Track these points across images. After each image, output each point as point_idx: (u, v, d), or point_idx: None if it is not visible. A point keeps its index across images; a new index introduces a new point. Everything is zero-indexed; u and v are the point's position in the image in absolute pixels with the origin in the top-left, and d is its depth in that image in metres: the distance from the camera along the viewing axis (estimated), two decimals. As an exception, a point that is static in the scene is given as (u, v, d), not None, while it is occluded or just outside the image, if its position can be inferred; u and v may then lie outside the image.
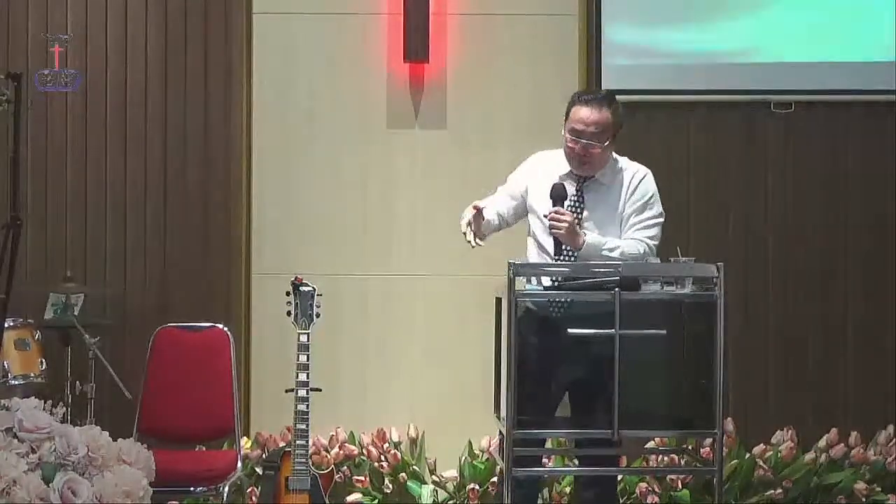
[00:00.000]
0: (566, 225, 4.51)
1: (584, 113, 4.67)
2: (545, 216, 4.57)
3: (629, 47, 6.29)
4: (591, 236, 4.56)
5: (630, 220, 4.68)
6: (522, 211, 4.83)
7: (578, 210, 4.65)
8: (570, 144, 4.67)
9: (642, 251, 4.60)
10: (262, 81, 6.24)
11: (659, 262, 4.45)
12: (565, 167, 4.73)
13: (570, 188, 4.67)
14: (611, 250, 4.55)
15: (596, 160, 4.68)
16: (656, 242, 4.67)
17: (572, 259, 4.57)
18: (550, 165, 4.77)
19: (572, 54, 6.23)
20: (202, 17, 6.22)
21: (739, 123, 6.32)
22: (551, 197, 4.61)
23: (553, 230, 4.54)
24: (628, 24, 6.28)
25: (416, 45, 6.15)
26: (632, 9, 6.29)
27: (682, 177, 6.31)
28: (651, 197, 4.73)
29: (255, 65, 6.23)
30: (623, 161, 4.82)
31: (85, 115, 6.21)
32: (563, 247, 4.57)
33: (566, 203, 4.61)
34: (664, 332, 4.15)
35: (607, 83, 6.18)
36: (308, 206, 6.23)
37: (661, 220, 4.72)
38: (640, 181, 4.74)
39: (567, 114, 4.73)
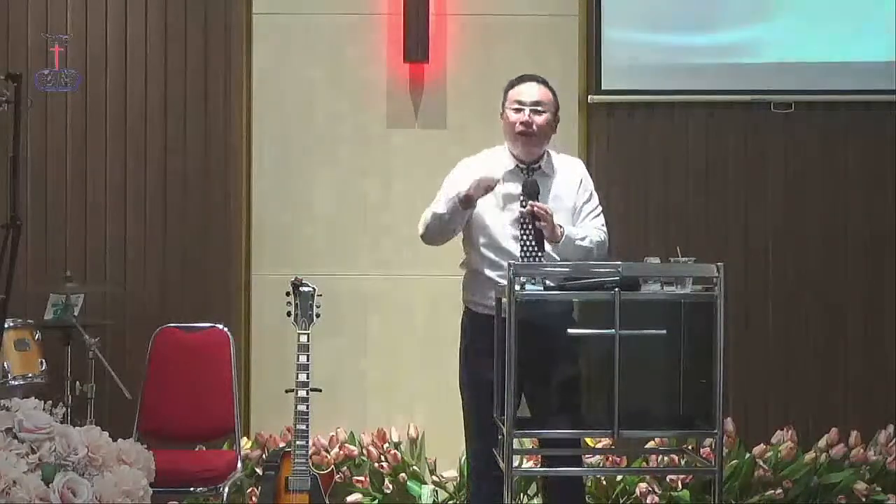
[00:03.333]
0: (551, 216, 4.51)
1: (526, 87, 4.71)
2: (523, 210, 4.54)
3: (629, 47, 6.28)
4: (567, 228, 4.58)
5: (583, 211, 4.72)
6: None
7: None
8: (513, 116, 4.67)
9: (603, 238, 4.68)
10: (262, 81, 6.24)
11: (659, 261, 4.44)
12: (505, 164, 4.71)
13: (517, 182, 4.66)
14: (582, 240, 4.61)
15: (539, 133, 4.66)
16: (605, 228, 4.75)
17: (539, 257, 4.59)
18: (486, 168, 4.71)
19: (572, 54, 6.23)
20: (202, 17, 6.22)
21: (739, 123, 6.32)
22: (526, 192, 4.62)
23: (539, 224, 4.53)
24: (628, 25, 6.27)
25: (416, 45, 6.15)
26: (632, 9, 6.29)
27: (681, 177, 6.31)
28: (591, 186, 4.79)
29: (255, 65, 6.24)
30: (554, 153, 4.81)
31: (85, 115, 6.21)
32: (543, 241, 4.57)
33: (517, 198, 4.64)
34: (664, 332, 4.14)
35: (607, 83, 6.20)
36: (308, 206, 6.23)
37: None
38: (583, 171, 4.80)
39: (505, 98, 4.74)
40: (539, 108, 4.67)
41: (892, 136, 6.25)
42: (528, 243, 4.63)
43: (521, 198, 4.63)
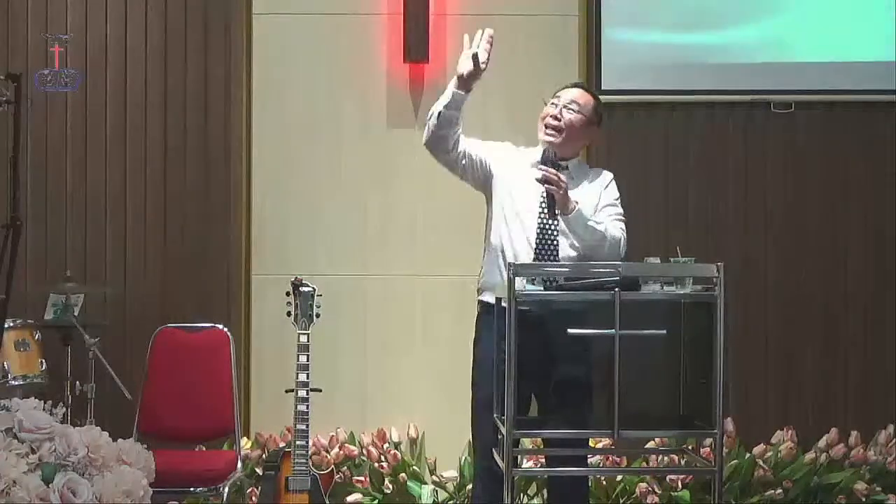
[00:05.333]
0: (565, 185, 4.51)
1: (571, 90, 4.76)
2: (538, 179, 4.52)
3: (629, 47, 6.29)
4: (581, 206, 4.58)
5: (606, 210, 4.71)
6: (477, 171, 4.76)
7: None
8: (546, 108, 4.70)
9: (619, 237, 4.64)
10: (262, 82, 6.24)
11: (659, 261, 4.44)
12: (535, 156, 4.73)
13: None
14: (597, 223, 4.59)
15: (567, 131, 4.67)
16: (626, 237, 4.72)
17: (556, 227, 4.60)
18: (523, 160, 4.76)
19: (572, 54, 6.23)
20: (202, 17, 6.23)
21: (739, 123, 6.32)
22: (543, 160, 4.65)
23: (549, 188, 4.53)
24: (628, 25, 6.28)
25: (416, 45, 6.16)
26: (632, 9, 6.29)
27: (681, 177, 6.32)
28: (617, 195, 4.79)
29: (255, 65, 6.24)
30: (587, 165, 4.90)
31: (85, 115, 6.21)
32: (555, 210, 4.58)
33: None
34: (664, 332, 4.14)
35: (607, 83, 6.19)
36: (308, 206, 6.23)
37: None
38: (611, 181, 4.80)
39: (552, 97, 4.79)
40: (573, 107, 4.69)
41: (892, 136, 6.26)
42: (545, 222, 4.63)
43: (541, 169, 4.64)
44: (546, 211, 4.60)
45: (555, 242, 4.61)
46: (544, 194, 4.59)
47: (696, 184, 6.32)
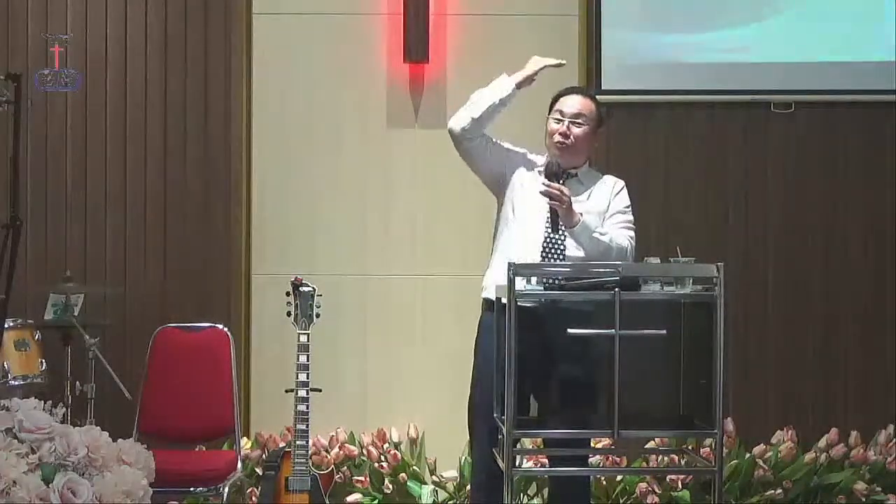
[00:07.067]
0: (568, 200, 4.54)
1: (571, 99, 4.79)
2: (542, 191, 4.57)
3: (629, 47, 6.29)
4: (586, 217, 4.61)
5: (616, 217, 4.75)
6: (493, 166, 4.81)
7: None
8: (553, 126, 4.74)
9: (626, 246, 4.67)
10: (262, 82, 6.24)
11: (659, 261, 4.44)
12: (543, 163, 4.78)
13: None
14: (602, 234, 4.63)
15: (576, 144, 4.72)
16: (634, 245, 4.74)
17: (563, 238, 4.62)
18: (533, 165, 4.81)
19: (572, 54, 6.22)
20: (202, 17, 6.22)
21: (739, 123, 6.32)
22: (547, 173, 4.67)
23: (552, 203, 4.56)
24: (628, 25, 6.28)
25: (416, 45, 6.16)
26: (632, 9, 6.29)
27: (681, 177, 6.32)
28: (627, 202, 4.81)
29: (255, 65, 6.24)
30: (597, 170, 4.91)
31: (85, 115, 6.21)
32: (559, 224, 4.61)
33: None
34: (664, 332, 4.14)
35: (607, 83, 6.19)
36: (308, 206, 6.23)
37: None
38: (622, 189, 4.83)
39: (551, 106, 4.81)
40: (579, 121, 4.73)
41: (892, 136, 6.26)
42: (550, 235, 4.65)
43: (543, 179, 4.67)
44: (550, 225, 4.63)
45: (561, 247, 4.63)
46: (549, 211, 4.62)
47: (696, 184, 6.32)
